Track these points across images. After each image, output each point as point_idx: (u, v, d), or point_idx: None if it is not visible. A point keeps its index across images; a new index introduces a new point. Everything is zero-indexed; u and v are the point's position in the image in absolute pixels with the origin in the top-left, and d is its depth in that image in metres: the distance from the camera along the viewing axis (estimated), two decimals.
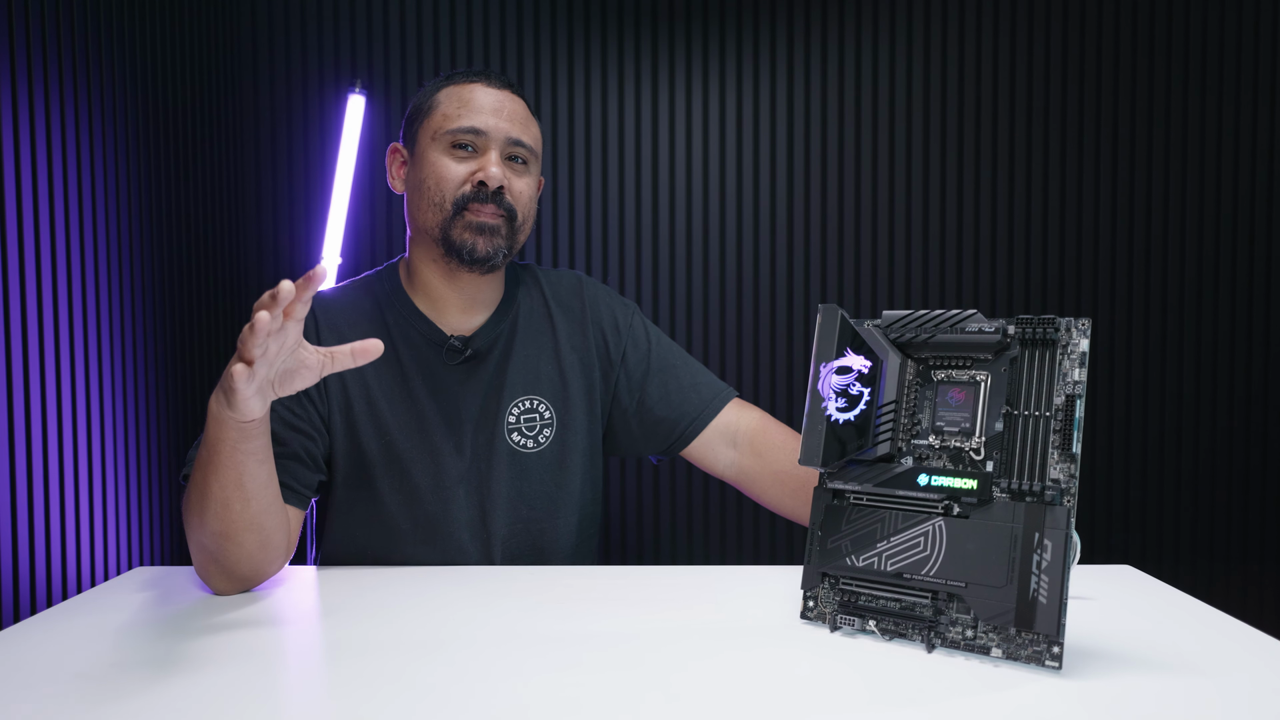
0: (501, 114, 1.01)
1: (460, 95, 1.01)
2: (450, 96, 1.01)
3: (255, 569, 0.86)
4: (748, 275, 2.30)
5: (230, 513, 0.82)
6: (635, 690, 0.60)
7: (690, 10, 2.28)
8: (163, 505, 1.80)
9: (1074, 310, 2.27)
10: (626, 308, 1.15)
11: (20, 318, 1.35)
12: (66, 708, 0.58)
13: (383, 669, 0.64)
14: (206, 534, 0.83)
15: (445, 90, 1.02)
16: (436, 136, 1.00)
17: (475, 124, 0.99)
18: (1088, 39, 2.26)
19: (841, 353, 0.72)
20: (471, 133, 0.99)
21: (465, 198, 0.98)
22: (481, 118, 0.99)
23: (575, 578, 0.92)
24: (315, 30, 2.22)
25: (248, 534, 0.83)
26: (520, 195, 1.02)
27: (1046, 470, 0.66)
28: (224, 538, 0.82)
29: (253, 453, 0.80)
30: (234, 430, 0.78)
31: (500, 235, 1.00)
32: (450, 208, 0.99)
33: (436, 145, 1.00)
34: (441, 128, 1.00)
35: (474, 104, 1.00)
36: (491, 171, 0.98)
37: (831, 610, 0.73)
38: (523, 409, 1.05)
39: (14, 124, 1.35)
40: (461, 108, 1.00)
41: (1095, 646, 0.68)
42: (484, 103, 1.00)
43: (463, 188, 0.99)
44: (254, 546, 0.84)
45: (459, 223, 0.99)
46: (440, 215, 0.99)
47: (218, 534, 0.82)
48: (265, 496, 0.84)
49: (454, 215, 0.99)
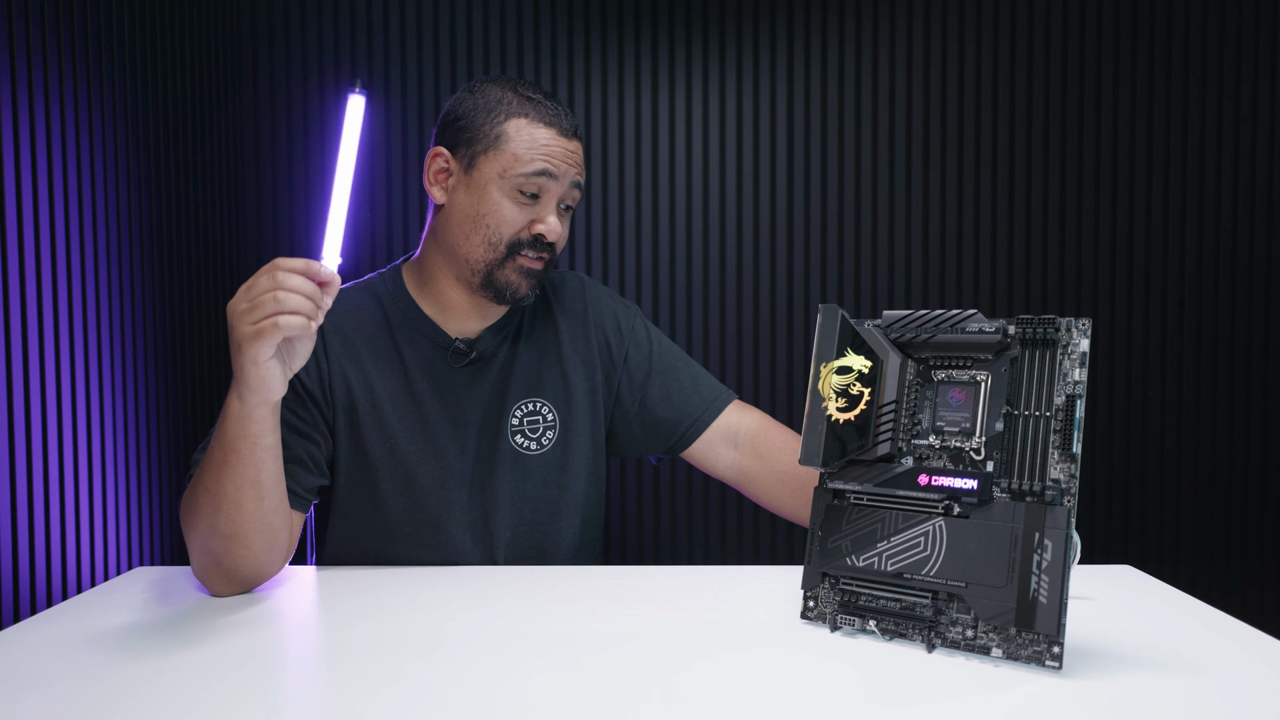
0: (571, 162, 0.99)
1: (534, 137, 0.97)
2: (522, 134, 0.97)
3: (258, 571, 0.86)
4: (748, 275, 2.30)
5: (243, 513, 0.82)
6: (636, 690, 0.60)
7: (690, 10, 2.28)
8: (163, 505, 1.80)
9: (1074, 310, 2.27)
10: (628, 310, 1.15)
11: (20, 318, 1.35)
12: (67, 708, 0.58)
13: (383, 669, 0.64)
14: (215, 537, 0.82)
15: (517, 123, 0.97)
16: (505, 176, 0.96)
17: (549, 170, 0.97)
18: (1088, 39, 2.26)
19: (841, 353, 0.72)
20: (544, 177, 0.97)
21: (521, 244, 0.98)
22: (554, 165, 0.97)
23: (576, 578, 0.92)
24: (315, 30, 2.22)
25: (257, 535, 0.83)
26: (562, 239, 1.02)
27: (1047, 470, 0.66)
28: (233, 539, 0.82)
29: (270, 448, 0.82)
30: (255, 424, 0.79)
31: (539, 276, 1.01)
32: (504, 250, 0.98)
33: (503, 184, 0.97)
34: (512, 169, 0.96)
35: (548, 153, 0.97)
36: (554, 229, 0.98)
37: (832, 610, 0.73)
38: (526, 411, 1.05)
39: (14, 124, 1.35)
40: (535, 152, 0.96)
41: (1095, 646, 0.68)
42: (557, 153, 0.98)
43: (520, 234, 0.98)
44: (261, 548, 0.85)
45: (510, 265, 0.98)
46: (491, 254, 0.98)
47: (228, 536, 0.82)
48: (276, 495, 0.85)
49: (506, 257, 0.98)
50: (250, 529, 0.83)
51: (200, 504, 0.83)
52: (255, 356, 0.76)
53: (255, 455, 0.81)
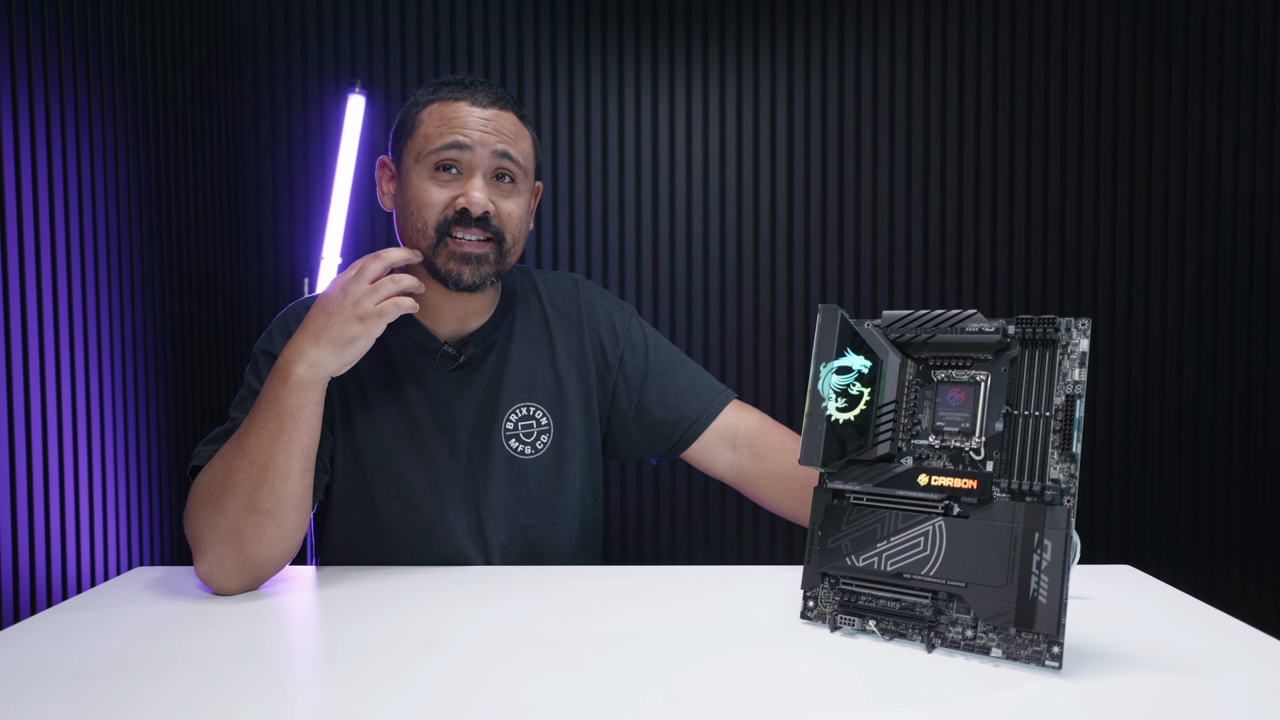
0: (487, 129, 0.95)
1: (443, 114, 0.95)
2: (433, 115, 0.95)
3: (278, 556, 0.87)
4: (748, 275, 2.30)
5: (288, 485, 0.85)
6: (635, 690, 0.60)
7: (690, 10, 2.28)
8: (163, 505, 1.80)
9: (1074, 310, 2.27)
10: (624, 311, 1.14)
11: (20, 318, 1.35)
12: (67, 708, 0.58)
13: (383, 669, 0.64)
14: (252, 514, 0.84)
15: (429, 108, 0.96)
16: (420, 158, 0.95)
17: (458, 138, 0.94)
18: (1088, 39, 2.26)
19: (841, 353, 0.72)
20: (455, 148, 0.93)
21: (448, 222, 0.94)
22: (465, 133, 0.94)
23: (575, 578, 0.92)
24: (315, 30, 2.22)
25: (293, 512, 0.86)
26: (509, 217, 0.97)
27: (1046, 470, 0.66)
28: (270, 515, 0.84)
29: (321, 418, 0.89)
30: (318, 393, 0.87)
31: (488, 262, 0.96)
32: (434, 234, 0.94)
33: (420, 167, 0.95)
34: (424, 149, 0.95)
35: (457, 123, 0.94)
36: (474, 197, 0.93)
37: (831, 610, 0.73)
38: (520, 415, 1.04)
39: (14, 124, 1.35)
40: (443, 127, 0.94)
41: (1095, 646, 0.68)
42: (468, 120, 0.94)
43: (445, 212, 0.94)
44: (292, 528, 0.87)
45: (443, 250, 0.95)
46: (425, 241, 0.95)
47: (265, 511, 0.84)
48: (311, 472, 0.89)
49: (438, 242, 0.94)
50: (289, 504, 0.85)
51: (239, 481, 0.84)
52: (374, 331, 0.87)
53: (313, 424, 0.87)
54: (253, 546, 0.84)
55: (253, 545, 0.84)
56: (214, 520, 0.84)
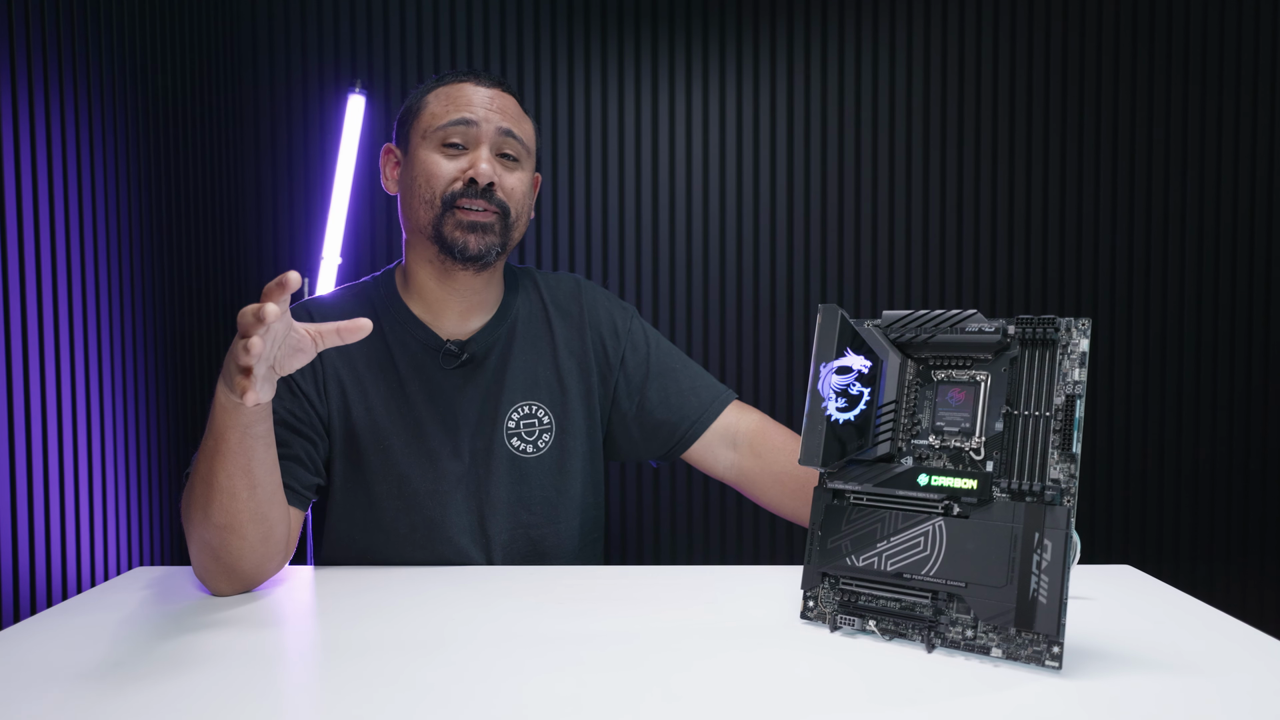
0: (492, 107, 1.01)
1: (449, 94, 1.01)
2: (440, 96, 1.02)
3: (257, 565, 0.86)
4: (748, 275, 2.30)
5: (237, 502, 0.82)
6: (635, 690, 0.60)
7: (690, 10, 2.28)
8: (163, 505, 1.80)
9: (1074, 310, 2.27)
10: (625, 311, 1.15)
11: (20, 318, 1.35)
12: (66, 708, 0.58)
13: (382, 669, 0.64)
14: (210, 528, 0.82)
15: (435, 91, 1.03)
16: (427, 135, 1.00)
17: (465, 115, 0.99)
18: (1088, 39, 2.25)
19: (841, 353, 0.72)
20: (462, 124, 0.99)
21: (456, 194, 0.98)
22: (471, 110, 0.99)
23: (575, 578, 0.92)
24: (315, 30, 2.22)
25: (252, 525, 0.83)
26: (513, 191, 1.01)
27: (1046, 470, 0.66)
28: (228, 530, 0.82)
29: (260, 436, 0.81)
30: (245, 414, 0.79)
31: (493, 232, 0.99)
32: (440, 204, 0.98)
33: (427, 143, 1.00)
34: (431, 125, 1.00)
35: (463, 101, 1.00)
36: (481, 168, 0.98)
37: (831, 610, 0.73)
38: (522, 414, 1.05)
39: (14, 124, 1.35)
40: (450, 105, 1.00)
41: (1095, 646, 0.68)
42: (474, 98, 1.00)
43: (453, 184, 0.98)
44: (257, 539, 0.84)
45: (450, 220, 0.98)
46: (431, 212, 0.99)
47: (222, 527, 0.82)
48: (270, 483, 0.84)
49: (444, 212, 0.98)
50: (244, 519, 0.82)
51: (196, 495, 0.83)
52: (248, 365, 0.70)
53: (245, 444, 0.80)
54: (224, 557, 0.84)
55: (224, 556, 0.84)
56: (191, 532, 0.85)
